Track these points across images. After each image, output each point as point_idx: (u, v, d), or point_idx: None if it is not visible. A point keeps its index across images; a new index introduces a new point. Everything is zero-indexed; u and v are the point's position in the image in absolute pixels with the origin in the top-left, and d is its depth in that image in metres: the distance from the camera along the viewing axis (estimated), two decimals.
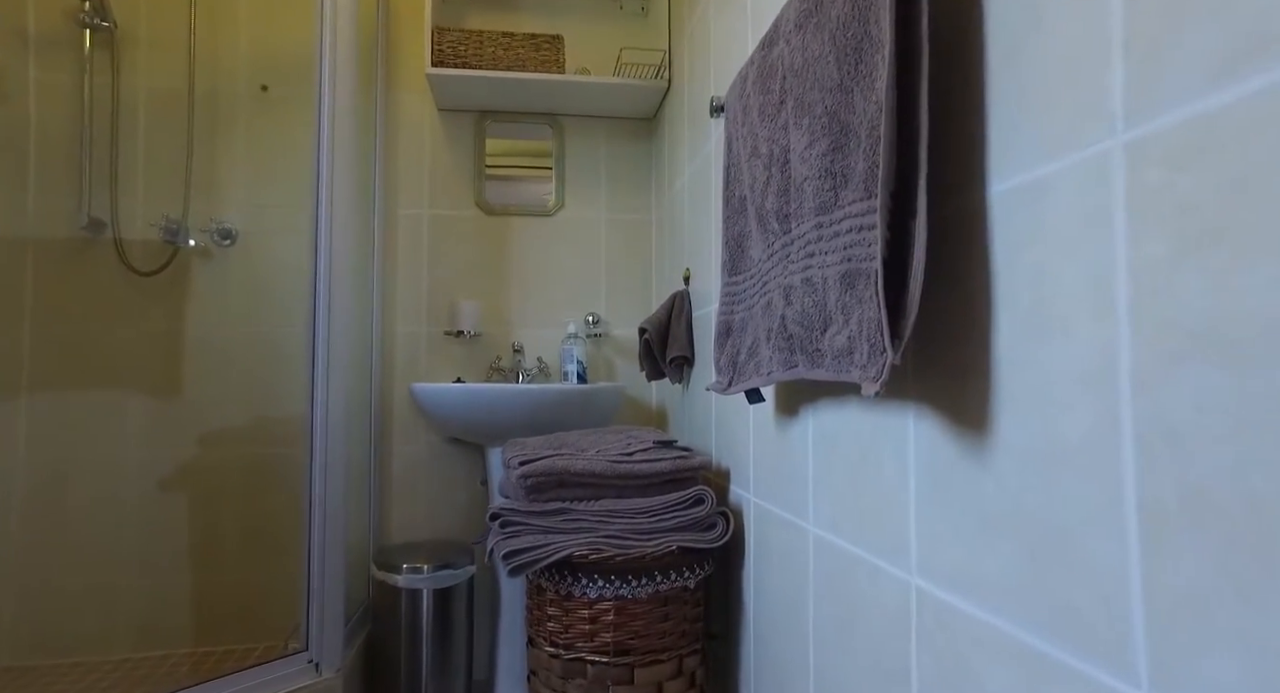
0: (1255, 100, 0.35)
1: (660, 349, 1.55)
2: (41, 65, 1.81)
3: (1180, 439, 0.38)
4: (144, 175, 1.85)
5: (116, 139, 1.83)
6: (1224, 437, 0.36)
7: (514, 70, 1.79)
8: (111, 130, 1.82)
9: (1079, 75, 0.46)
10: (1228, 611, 0.35)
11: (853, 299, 0.62)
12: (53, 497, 1.80)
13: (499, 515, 1.16)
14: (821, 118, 0.69)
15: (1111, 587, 0.42)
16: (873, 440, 0.73)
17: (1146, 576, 0.40)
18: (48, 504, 1.79)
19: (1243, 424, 0.35)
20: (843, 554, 0.79)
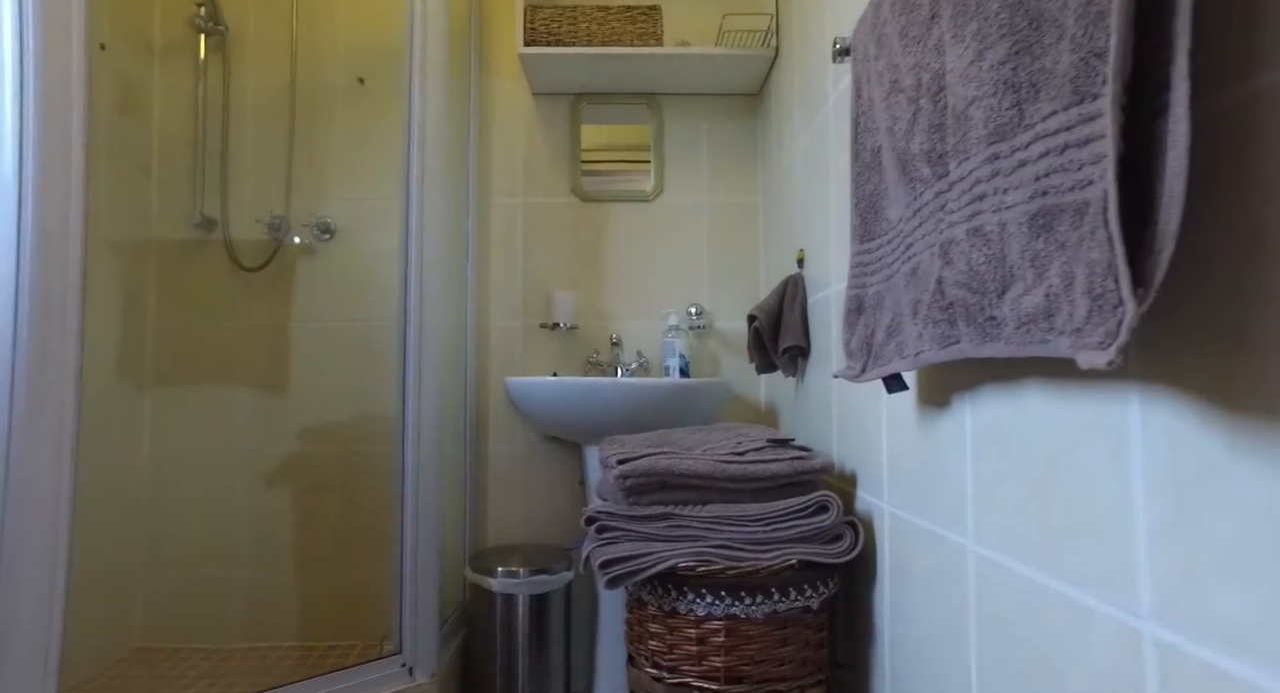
0: None
1: (772, 339, 1.40)
2: (164, 73, 1.87)
3: None
4: (250, 172, 1.87)
5: (227, 139, 1.86)
6: None
7: (609, 45, 1.69)
8: (222, 130, 1.86)
9: None
10: None
11: (1052, 244, 0.46)
12: (172, 489, 1.84)
13: (595, 520, 1.05)
14: (998, 15, 0.53)
15: None
16: (1070, 438, 0.55)
17: None
18: (168, 496, 1.84)
19: None
20: (1024, 583, 0.62)
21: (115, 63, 1.79)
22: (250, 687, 1.63)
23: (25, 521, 0.88)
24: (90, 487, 0.96)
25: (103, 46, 1.72)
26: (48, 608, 0.91)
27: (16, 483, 0.88)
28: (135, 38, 1.84)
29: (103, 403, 1.74)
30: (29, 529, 0.89)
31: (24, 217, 0.91)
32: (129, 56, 1.83)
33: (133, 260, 1.84)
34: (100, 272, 1.72)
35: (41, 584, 0.90)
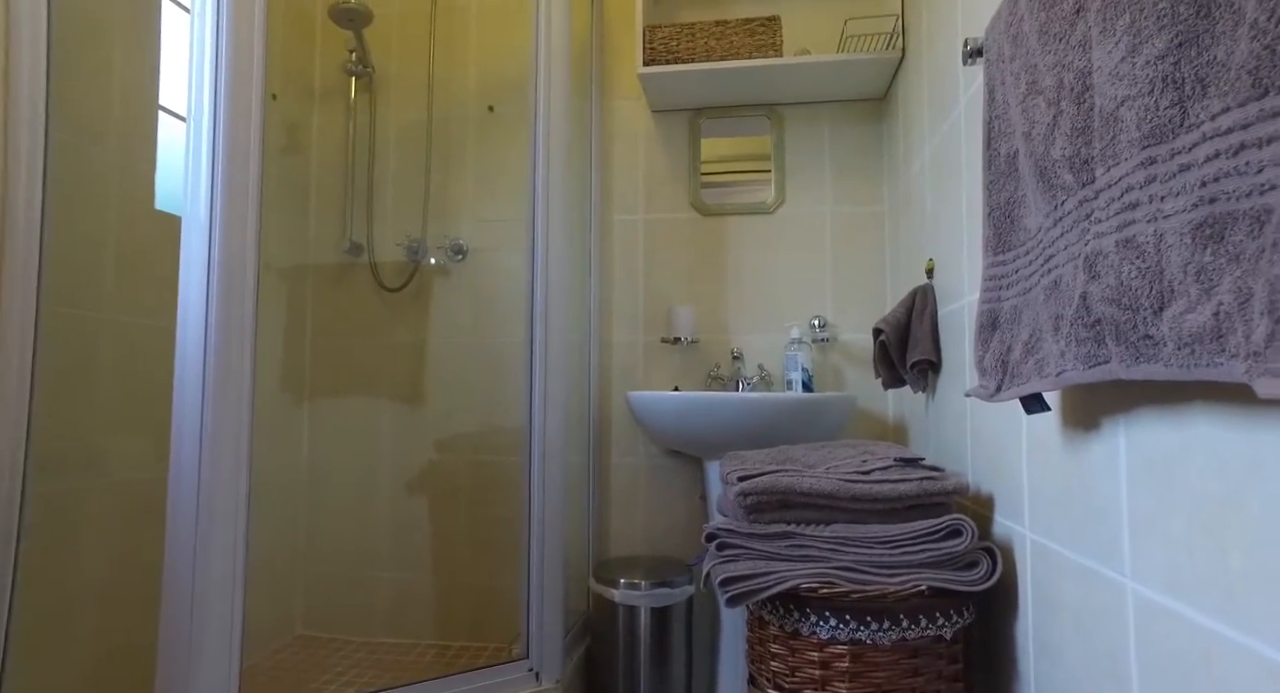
0: None
1: (899, 352, 1.34)
2: (320, 114, 2.06)
3: None
4: (392, 200, 2.02)
5: (372, 170, 2.02)
6: None
7: (728, 59, 1.69)
8: (369, 163, 2.02)
9: None
10: None
11: (1222, 257, 0.42)
12: (326, 492, 2.01)
13: (716, 537, 1.04)
14: (1156, 5, 0.48)
15: None
16: (1246, 471, 0.50)
17: None
18: (323, 499, 2.01)
19: None
20: (1195, 630, 0.56)
21: (283, 110, 1.99)
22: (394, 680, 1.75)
23: (214, 517, 1.00)
24: (259, 489, 1.07)
25: (274, 96, 1.92)
26: (230, 592, 1.02)
27: (205, 485, 1.00)
28: (299, 85, 2.04)
29: (269, 414, 1.92)
30: (216, 525, 1.01)
31: (212, 253, 1.04)
32: (294, 103, 2.03)
33: (294, 284, 2.03)
34: (268, 295, 1.92)
35: (226, 572, 1.01)
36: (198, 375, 1.02)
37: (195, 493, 1.00)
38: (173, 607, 1.00)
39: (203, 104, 1.07)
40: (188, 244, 1.04)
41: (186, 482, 1.00)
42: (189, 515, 1.00)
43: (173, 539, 1.00)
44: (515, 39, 2.00)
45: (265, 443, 1.90)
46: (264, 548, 1.88)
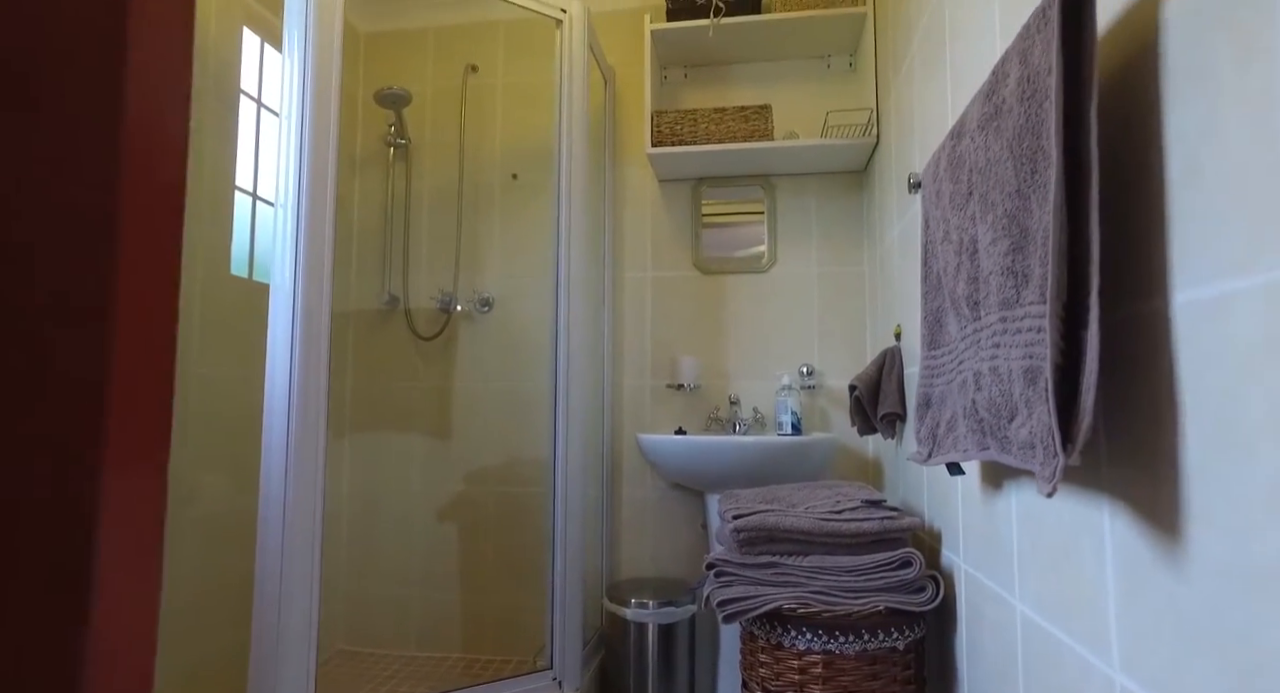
0: None
1: (871, 406, 1.57)
2: (362, 179, 2.31)
3: None
4: (425, 257, 2.27)
5: (408, 231, 2.27)
6: None
7: (725, 142, 1.94)
8: (405, 224, 2.27)
9: (1255, 199, 0.47)
10: None
11: (1035, 395, 0.65)
12: (365, 518, 2.24)
13: (715, 566, 1.27)
14: (1003, 218, 0.72)
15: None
16: (1073, 528, 0.73)
17: None
18: (361, 524, 2.24)
19: None
20: (1049, 638, 0.79)
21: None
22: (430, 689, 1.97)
23: (296, 530, 1.24)
24: None
25: None
26: (309, 602, 1.25)
27: (291, 502, 1.24)
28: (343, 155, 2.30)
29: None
30: (298, 537, 1.24)
31: (295, 311, 1.29)
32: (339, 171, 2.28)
33: (336, 331, 2.27)
34: None
35: (305, 578, 1.25)
36: (283, 411, 1.26)
37: (282, 511, 1.25)
38: (262, 614, 1.23)
39: (289, 192, 1.32)
40: (275, 304, 1.29)
41: (274, 502, 1.24)
42: (276, 534, 1.24)
43: (262, 555, 1.23)
44: (536, 115, 2.25)
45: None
46: None
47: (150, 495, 0.37)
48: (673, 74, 2.20)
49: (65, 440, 0.33)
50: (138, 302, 0.36)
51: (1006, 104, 0.72)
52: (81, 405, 0.33)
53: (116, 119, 0.35)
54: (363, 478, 2.26)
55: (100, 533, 0.33)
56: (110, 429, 0.34)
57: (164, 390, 0.38)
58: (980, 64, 1.02)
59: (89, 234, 0.33)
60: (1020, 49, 0.69)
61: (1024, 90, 0.68)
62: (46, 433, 0.33)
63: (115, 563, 0.33)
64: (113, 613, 0.33)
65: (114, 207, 0.34)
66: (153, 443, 0.37)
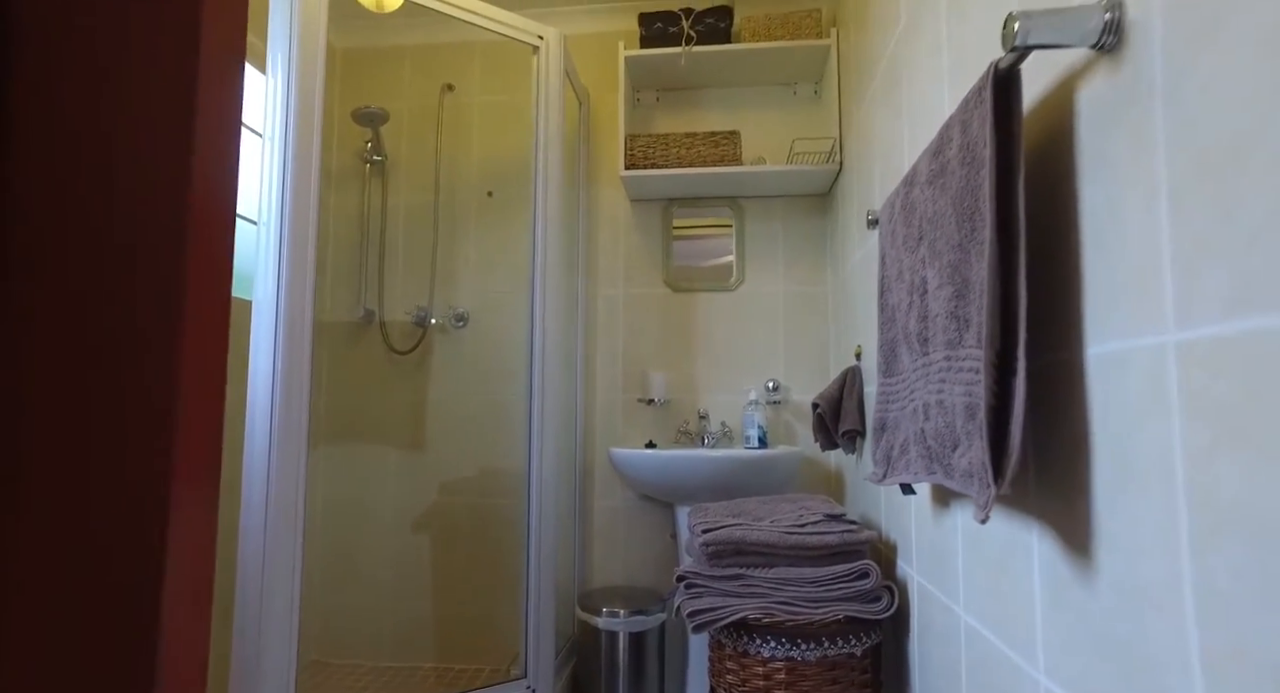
0: (1244, 338, 0.44)
1: (833, 422, 1.66)
2: (337, 194, 2.34)
3: (1224, 601, 0.47)
4: (401, 272, 2.30)
5: (384, 246, 2.30)
6: (1261, 613, 0.44)
7: (696, 166, 2.02)
8: (381, 239, 2.30)
9: (1143, 272, 0.55)
10: None
11: (973, 429, 0.73)
12: (340, 530, 2.26)
13: (685, 578, 1.34)
14: (947, 267, 0.80)
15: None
16: (1007, 546, 0.81)
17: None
18: (337, 535, 2.26)
19: (1267, 598, 0.43)
20: (988, 644, 0.87)
21: None
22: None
23: (278, 542, 1.27)
24: None
25: None
26: (289, 602, 1.29)
27: (272, 515, 1.28)
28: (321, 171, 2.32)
29: None
30: (279, 549, 1.28)
31: (279, 313, 1.33)
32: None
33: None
34: None
35: (286, 590, 1.29)
36: (265, 425, 1.31)
37: (263, 522, 1.28)
38: (243, 627, 1.27)
39: (271, 210, 1.37)
40: (258, 320, 1.34)
41: (255, 512, 1.28)
42: (257, 545, 1.27)
43: (243, 568, 1.27)
44: (512, 133, 2.31)
45: None
46: None
47: (207, 523, 0.43)
48: (645, 97, 2.27)
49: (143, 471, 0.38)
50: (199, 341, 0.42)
51: (950, 166, 0.80)
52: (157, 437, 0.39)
53: (185, 190, 0.41)
54: (337, 489, 2.28)
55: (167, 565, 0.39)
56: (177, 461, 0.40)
57: (217, 422, 0.44)
58: (931, 109, 1.10)
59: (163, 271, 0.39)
60: (961, 119, 0.77)
61: (964, 156, 0.76)
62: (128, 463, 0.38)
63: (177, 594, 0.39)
64: (175, 637, 0.39)
65: (183, 260, 0.40)
66: (209, 473, 0.43)
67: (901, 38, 1.28)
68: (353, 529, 2.26)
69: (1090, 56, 0.64)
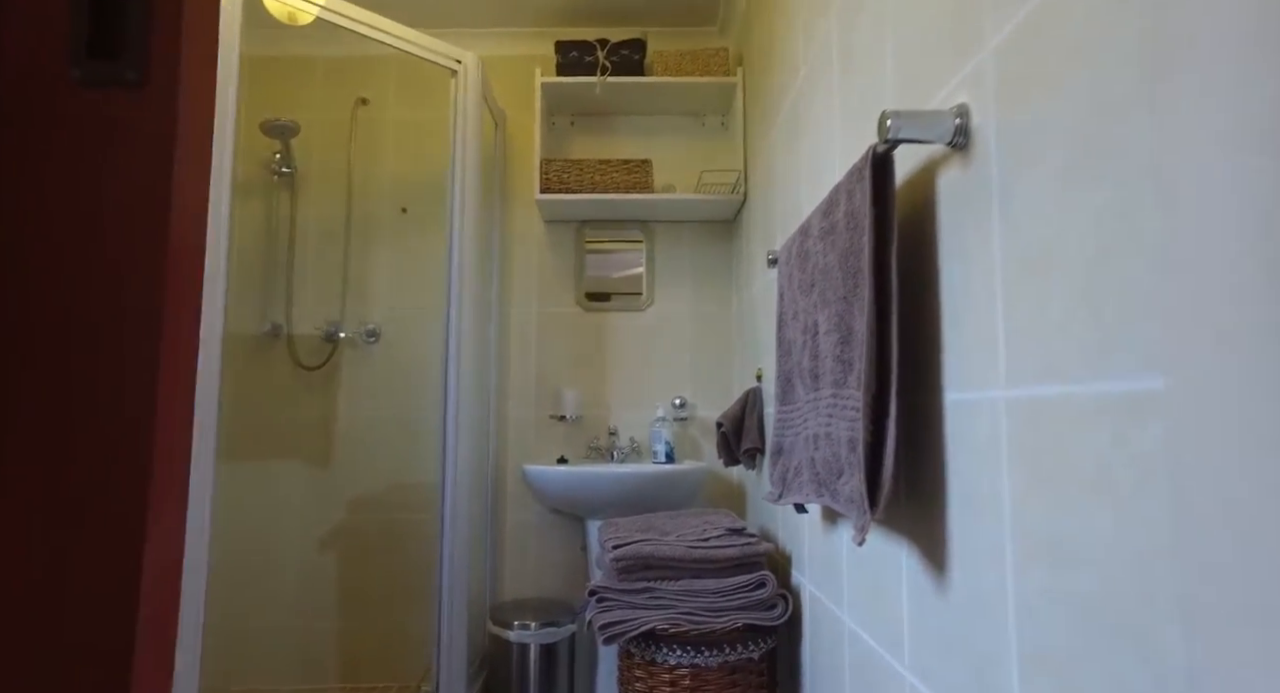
0: (1050, 400, 0.56)
1: (735, 441, 1.77)
2: (242, 205, 2.27)
3: (1034, 615, 0.58)
4: (311, 287, 2.27)
5: (292, 259, 2.26)
6: (1055, 618, 0.56)
7: (609, 192, 2.10)
8: (290, 253, 2.26)
9: (985, 337, 0.67)
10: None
11: (854, 461, 0.84)
12: (241, 550, 2.20)
13: (596, 592, 1.41)
14: (835, 316, 0.92)
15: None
16: (883, 558, 0.93)
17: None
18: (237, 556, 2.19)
19: (1062, 611, 0.55)
20: (867, 646, 0.99)
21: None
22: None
23: (191, 548, 1.25)
24: None
25: None
26: (194, 627, 1.28)
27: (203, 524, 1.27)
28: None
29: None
30: (186, 571, 1.26)
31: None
32: None
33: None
34: None
35: (193, 609, 1.27)
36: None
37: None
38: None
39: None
40: None
41: None
42: None
43: None
44: (427, 150, 2.31)
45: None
46: None
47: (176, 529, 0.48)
48: (560, 121, 2.34)
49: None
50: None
51: (838, 227, 0.92)
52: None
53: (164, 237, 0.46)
54: (239, 509, 2.21)
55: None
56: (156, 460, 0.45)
57: (188, 427, 0.50)
58: (825, 161, 1.23)
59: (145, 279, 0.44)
60: (847, 188, 0.89)
61: (849, 221, 0.87)
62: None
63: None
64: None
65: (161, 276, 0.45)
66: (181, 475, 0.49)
67: (800, 92, 1.41)
68: (256, 550, 2.20)
69: (947, 151, 0.76)
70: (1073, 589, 0.53)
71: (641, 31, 2.23)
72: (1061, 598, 0.55)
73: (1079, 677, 0.52)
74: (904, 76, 0.88)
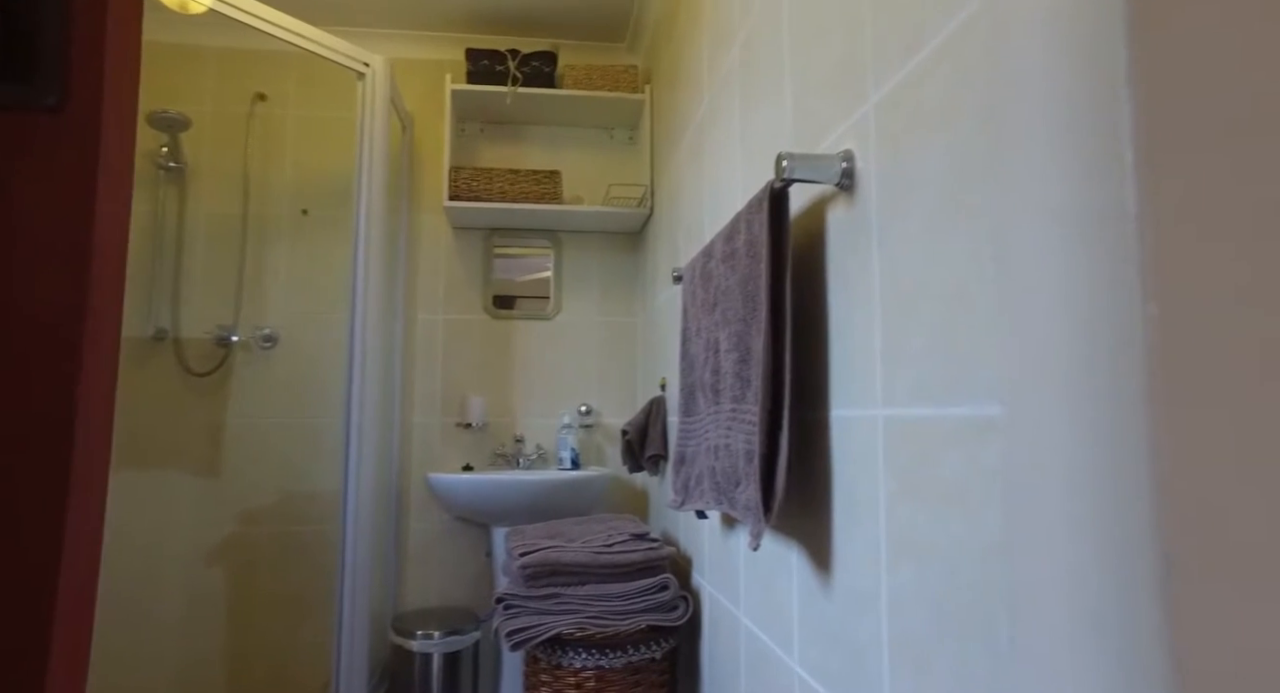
0: (918, 420, 0.64)
1: (640, 448, 1.83)
2: None
3: (901, 607, 0.66)
4: (202, 289, 2.16)
5: (180, 259, 2.15)
6: (918, 610, 0.64)
7: (519, 201, 2.12)
8: (178, 252, 2.14)
9: (865, 361, 0.75)
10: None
11: (751, 471, 0.91)
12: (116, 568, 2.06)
13: (503, 599, 1.43)
14: (734, 336, 0.98)
15: (878, 689, 0.70)
16: (776, 560, 1.01)
17: (893, 687, 0.68)
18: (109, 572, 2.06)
19: (923, 602, 0.63)
20: (760, 642, 1.06)
21: None
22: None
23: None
24: None
25: None
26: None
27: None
28: None
29: None
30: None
31: None
32: None
33: None
34: None
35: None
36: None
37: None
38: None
39: None
40: None
41: None
42: None
43: None
44: (330, 151, 2.25)
45: None
46: None
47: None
48: (470, 127, 2.33)
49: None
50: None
51: (739, 253, 0.99)
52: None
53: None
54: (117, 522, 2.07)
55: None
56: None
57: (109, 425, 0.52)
58: (727, 186, 1.30)
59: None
60: (747, 218, 0.96)
61: (749, 249, 0.94)
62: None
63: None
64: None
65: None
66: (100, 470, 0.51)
67: (705, 119, 1.48)
68: (133, 566, 2.07)
69: (835, 191, 0.84)
70: (931, 583, 0.61)
71: (552, 43, 2.26)
72: (923, 591, 0.63)
73: (935, 658, 0.61)
74: (800, 115, 0.96)
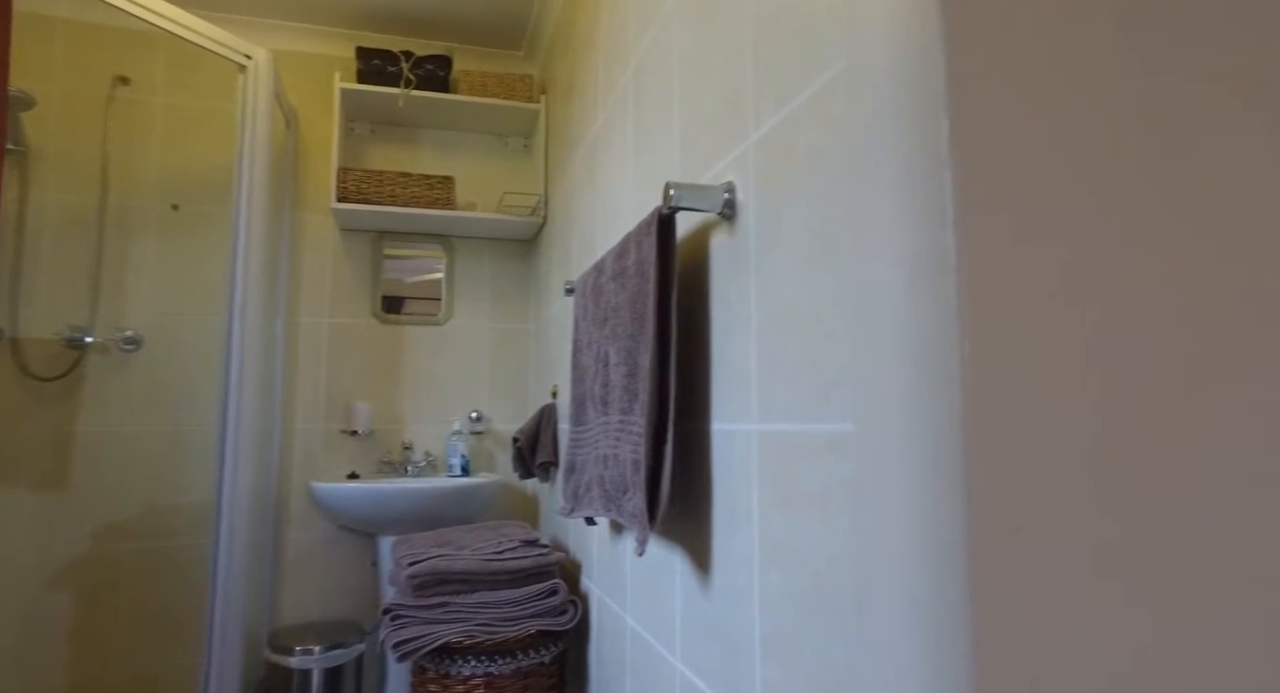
0: (787, 435, 0.71)
1: (530, 454, 1.85)
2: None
3: (771, 606, 0.73)
4: (49, 285, 1.99)
5: (20, 253, 1.96)
6: (786, 607, 0.71)
7: (410, 206, 2.09)
8: (17, 245, 1.96)
9: (743, 379, 0.82)
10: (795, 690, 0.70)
11: (637, 481, 0.96)
12: None
13: (390, 610, 1.41)
14: (623, 351, 1.03)
15: (751, 679, 0.77)
16: (661, 564, 1.06)
17: (763, 676, 0.75)
18: None
19: (790, 599, 0.70)
20: (645, 643, 1.11)
21: None
22: None
23: None
24: None
25: None
26: None
27: None
28: None
29: None
30: None
31: None
32: None
33: None
34: None
35: None
36: None
37: None
38: None
39: None
40: None
41: None
42: None
43: None
44: (204, 143, 2.13)
45: None
46: None
47: None
48: (359, 127, 2.27)
49: None
50: None
51: (629, 272, 1.04)
52: None
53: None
54: None
55: None
56: None
57: None
58: (620, 203, 1.35)
59: None
60: (637, 239, 1.01)
61: (638, 268, 0.99)
62: None
63: None
64: None
65: None
66: None
67: (598, 137, 1.53)
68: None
69: (718, 218, 0.90)
70: (797, 584, 0.68)
71: (447, 47, 2.24)
72: (790, 591, 0.70)
73: (800, 653, 0.68)
74: (688, 144, 1.02)
